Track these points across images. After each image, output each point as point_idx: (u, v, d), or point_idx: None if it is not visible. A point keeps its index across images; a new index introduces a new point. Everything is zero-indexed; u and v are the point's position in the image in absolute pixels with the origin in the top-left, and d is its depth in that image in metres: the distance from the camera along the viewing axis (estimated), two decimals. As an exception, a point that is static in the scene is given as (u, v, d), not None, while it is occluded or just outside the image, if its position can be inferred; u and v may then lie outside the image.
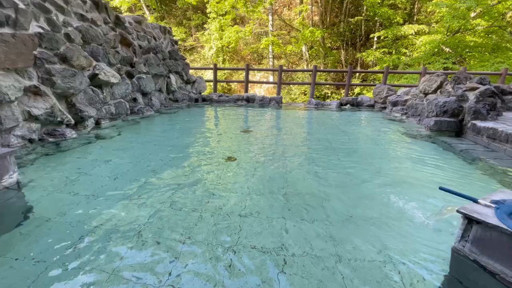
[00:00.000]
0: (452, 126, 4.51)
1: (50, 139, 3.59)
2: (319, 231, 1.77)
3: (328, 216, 1.95)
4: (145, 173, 2.68)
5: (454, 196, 1.65)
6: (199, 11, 17.85)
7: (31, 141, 3.39)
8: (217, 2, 14.65)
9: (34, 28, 3.63)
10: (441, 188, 1.69)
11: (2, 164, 2.12)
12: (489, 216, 1.37)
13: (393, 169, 3.01)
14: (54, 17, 3.95)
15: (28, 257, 1.47)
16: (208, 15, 15.67)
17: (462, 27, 11.97)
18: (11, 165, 2.18)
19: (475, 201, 1.53)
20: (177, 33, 16.97)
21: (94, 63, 4.57)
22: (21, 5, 3.43)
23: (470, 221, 1.43)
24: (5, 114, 3.07)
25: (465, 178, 2.71)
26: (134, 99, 5.86)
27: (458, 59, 12.48)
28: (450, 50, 12.25)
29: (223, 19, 15.20)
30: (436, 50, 12.28)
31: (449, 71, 10.37)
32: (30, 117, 3.40)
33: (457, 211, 1.46)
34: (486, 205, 1.47)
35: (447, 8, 11.53)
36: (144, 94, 6.20)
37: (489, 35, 12.31)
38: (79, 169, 2.71)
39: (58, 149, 3.34)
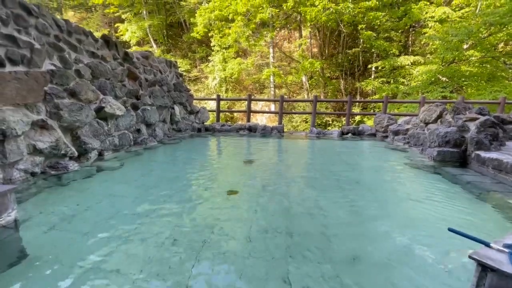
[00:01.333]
0: (455, 156, 4.48)
1: (52, 172, 3.59)
2: (324, 274, 1.68)
3: (334, 258, 1.86)
4: (145, 209, 2.63)
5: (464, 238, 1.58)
6: (203, 45, 18.84)
7: (33, 174, 3.39)
8: (220, 37, 15.52)
9: (47, 65, 3.81)
10: (450, 230, 1.62)
11: (1, 202, 2.10)
12: (504, 263, 1.30)
13: (399, 204, 2.93)
14: (67, 55, 4.17)
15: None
16: (212, 48, 16.51)
17: (456, 58, 12.43)
18: (10, 202, 2.16)
19: (487, 245, 1.45)
20: (183, 64, 17.77)
21: (101, 96, 4.73)
22: (37, 45, 3.64)
23: (484, 268, 1.35)
24: (10, 148, 3.11)
25: (474, 214, 2.62)
26: (138, 130, 5.96)
27: (455, 87, 12.78)
28: (447, 79, 12.59)
29: (226, 52, 15.98)
30: (433, 79, 12.63)
31: (447, 100, 10.55)
32: (35, 151, 3.44)
33: (469, 256, 1.39)
34: (499, 250, 1.40)
35: (440, 41, 12.08)
36: (148, 125, 6.31)
37: (484, 65, 12.72)
38: (78, 205, 2.67)
39: (59, 182, 3.33)
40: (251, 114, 10.28)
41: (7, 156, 3.04)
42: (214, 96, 12.24)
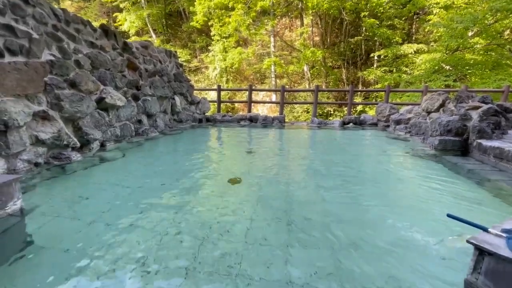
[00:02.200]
0: (457, 145, 4.47)
1: (56, 163, 3.63)
2: (324, 260, 1.71)
3: (334, 244, 1.90)
4: (148, 197, 2.67)
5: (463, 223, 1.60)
6: (203, 34, 18.56)
7: (36, 165, 3.43)
8: (221, 26, 15.26)
9: (46, 56, 3.79)
10: (449, 216, 1.64)
11: (7, 191, 2.13)
12: (501, 247, 1.32)
13: (399, 192, 2.95)
14: (66, 45, 4.14)
15: (26, 291, 1.44)
16: (212, 37, 16.27)
17: (461, 45, 12.20)
18: (15, 191, 2.20)
19: (485, 230, 1.47)
20: (182, 55, 17.56)
21: (101, 87, 4.71)
22: (35, 35, 3.61)
23: (481, 252, 1.37)
24: (13, 139, 3.13)
25: (474, 201, 2.64)
26: (139, 121, 5.96)
27: (459, 76, 12.61)
28: (451, 68, 12.41)
29: (226, 41, 15.75)
30: (436, 68, 12.45)
31: (451, 89, 10.44)
32: (37, 141, 3.46)
33: (467, 241, 1.41)
34: (497, 235, 1.42)
35: (445, 28, 11.83)
36: (149, 116, 6.31)
37: (488, 53, 12.49)
38: (82, 194, 2.71)
39: (62, 172, 3.36)
40: (252, 104, 10.23)
41: (10, 146, 3.07)
42: (215, 87, 12.16)
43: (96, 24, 5.05)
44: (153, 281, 1.51)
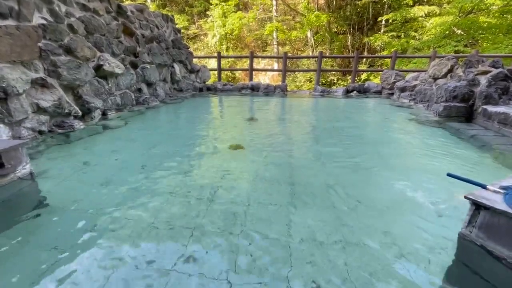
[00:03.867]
0: (461, 111, 4.40)
1: (59, 131, 3.65)
2: (325, 218, 1.79)
3: (334, 204, 1.96)
4: (153, 162, 2.72)
5: (462, 182, 1.63)
6: (201, -3, 17.44)
7: (41, 132, 3.45)
8: (219, -12, 14.30)
9: (37, 19, 3.61)
10: (449, 175, 1.67)
11: (15, 155, 2.17)
12: (498, 202, 1.36)
13: (401, 156, 2.98)
14: (57, 8, 3.93)
15: (43, 244, 1.53)
16: (211, 1, 15.33)
17: (475, 7, 11.45)
18: (23, 156, 2.24)
19: (483, 187, 1.51)
20: (180, 21, 16.68)
21: (98, 54, 4.56)
22: (24, -4, 3.41)
23: (478, 207, 1.42)
24: (14, 106, 3.12)
25: (474, 164, 2.68)
26: (139, 90, 5.87)
27: (470, 41, 12.01)
28: (462, 32, 11.78)
29: (226, 5, 14.87)
30: (447, 32, 11.82)
31: (460, 54, 10.01)
32: (39, 109, 3.45)
33: (465, 197, 1.45)
34: (494, 191, 1.46)
35: (460, -13, 11.01)
36: (149, 84, 6.20)
37: (504, 15, 11.74)
38: (88, 160, 2.77)
39: (67, 140, 3.40)
40: (254, 73, 9.96)
41: (12, 114, 3.07)
42: (215, 55, 11.73)
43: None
44: (161, 239, 1.60)
